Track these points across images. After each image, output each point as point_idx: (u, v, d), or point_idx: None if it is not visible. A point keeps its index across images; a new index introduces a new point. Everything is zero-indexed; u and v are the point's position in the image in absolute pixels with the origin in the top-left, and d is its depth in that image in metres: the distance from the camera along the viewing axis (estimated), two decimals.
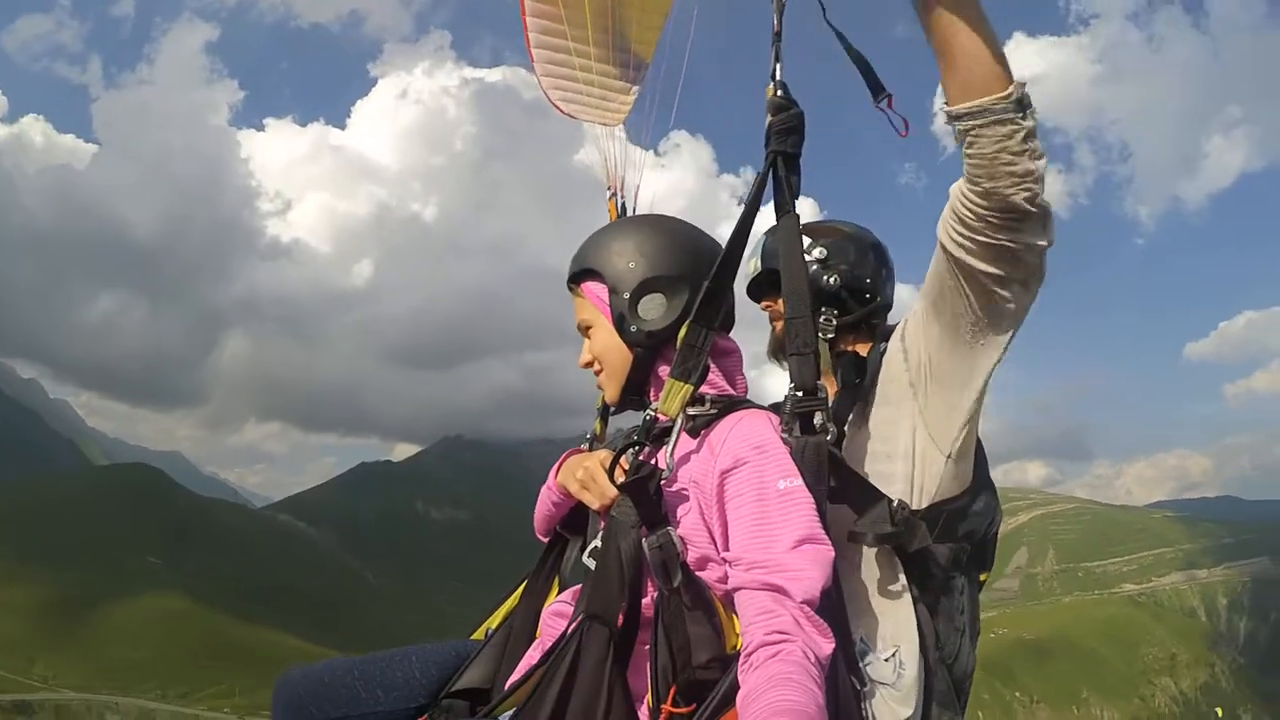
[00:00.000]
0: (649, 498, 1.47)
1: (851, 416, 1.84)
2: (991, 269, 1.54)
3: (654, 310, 1.65)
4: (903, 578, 1.66)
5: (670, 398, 1.54)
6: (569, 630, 1.47)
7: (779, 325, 2.14)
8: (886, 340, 1.88)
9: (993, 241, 1.50)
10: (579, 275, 1.74)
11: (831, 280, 2.02)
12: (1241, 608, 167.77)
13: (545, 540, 1.97)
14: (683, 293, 1.64)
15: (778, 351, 2.13)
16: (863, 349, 2.00)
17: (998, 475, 1.89)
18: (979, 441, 1.77)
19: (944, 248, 1.58)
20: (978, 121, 1.46)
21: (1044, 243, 1.51)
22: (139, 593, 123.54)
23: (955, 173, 1.56)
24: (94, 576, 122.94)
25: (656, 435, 1.58)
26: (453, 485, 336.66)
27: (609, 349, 1.70)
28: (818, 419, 1.57)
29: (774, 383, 2.03)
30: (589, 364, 1.76)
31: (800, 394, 1.58)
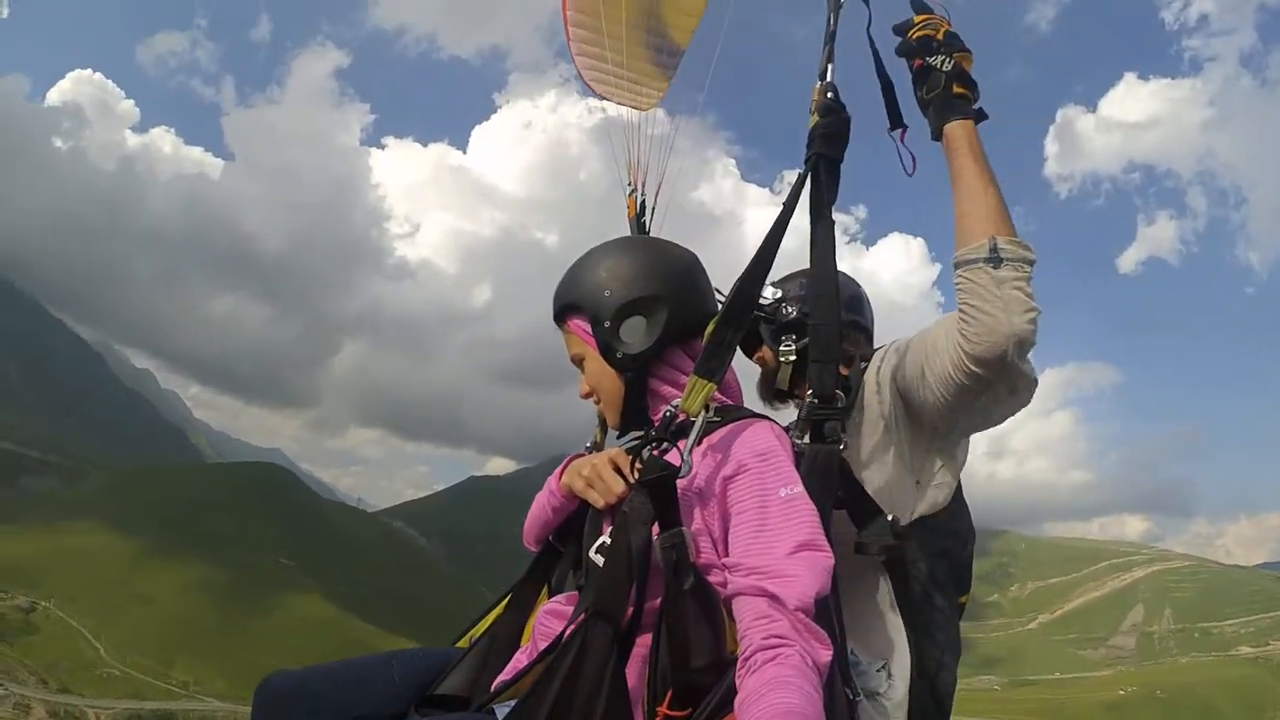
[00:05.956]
0: (667, 495, 1.42)
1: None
2: (945, 400, 1.66)
3: (635, 333, 1.64)
4: (890, 591, 1.69)
5: (693, 395, 1.50)
6: (572, 628, 1.41)
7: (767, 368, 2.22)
8: (866, 361, 1.96)
9: (955, 381, 1.60)
10: (562, 313, 1.75)
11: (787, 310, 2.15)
12: None
13: (535, 550, 1.94)
14: (661, 310, 1.64)
15: (769, 393, 2.21)
16: (844, 369, 1.98)
17: (1093, 528, 2.06)
18: (955, 463, 1.81)
19: (923, 375, 1.69)
20: (958, 270, 1.57)
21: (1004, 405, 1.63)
22: (277, 595, 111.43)
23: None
24: (231, 575, 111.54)
25: (674, 433, 1.51)
26: None
27: (602, 378, 1.70)
28: (829, 428, 1.57)
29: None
30: (588, 395, 1.76)
31: (817, 401, 1.59)
